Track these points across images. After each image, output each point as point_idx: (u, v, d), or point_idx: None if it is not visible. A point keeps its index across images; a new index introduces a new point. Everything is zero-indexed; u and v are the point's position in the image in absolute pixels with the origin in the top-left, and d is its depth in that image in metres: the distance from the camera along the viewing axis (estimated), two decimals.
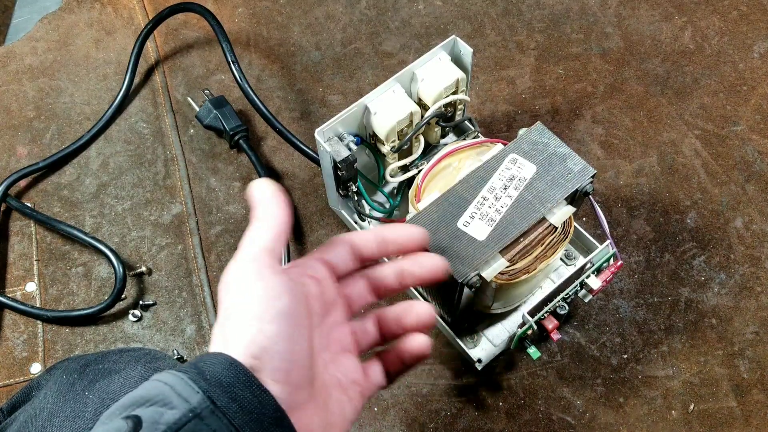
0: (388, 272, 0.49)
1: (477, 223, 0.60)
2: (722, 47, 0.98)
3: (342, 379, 0.45)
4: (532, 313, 0.65)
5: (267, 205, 0.44)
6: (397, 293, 0.50)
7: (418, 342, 0.48)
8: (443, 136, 0.81)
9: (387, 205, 0.79)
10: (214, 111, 0.89)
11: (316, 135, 0.69)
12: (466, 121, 0.81)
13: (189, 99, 0.94)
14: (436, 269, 0.49)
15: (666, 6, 1.02)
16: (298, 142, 0.85)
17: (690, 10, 1.02)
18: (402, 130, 0.72)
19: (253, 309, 0.39)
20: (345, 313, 0.47)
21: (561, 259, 0.76)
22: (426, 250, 0.50)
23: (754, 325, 0.78)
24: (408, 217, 0.67)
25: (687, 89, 0.95)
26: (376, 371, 0.48)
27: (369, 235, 0.48)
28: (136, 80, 0.97)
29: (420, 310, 0.48)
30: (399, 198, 0.79)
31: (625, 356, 0.76)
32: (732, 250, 0.83)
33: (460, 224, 0.60)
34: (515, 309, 0.73)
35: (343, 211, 0.80)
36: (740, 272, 0.81)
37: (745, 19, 1.00)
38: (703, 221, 0.85)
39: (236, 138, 0.89)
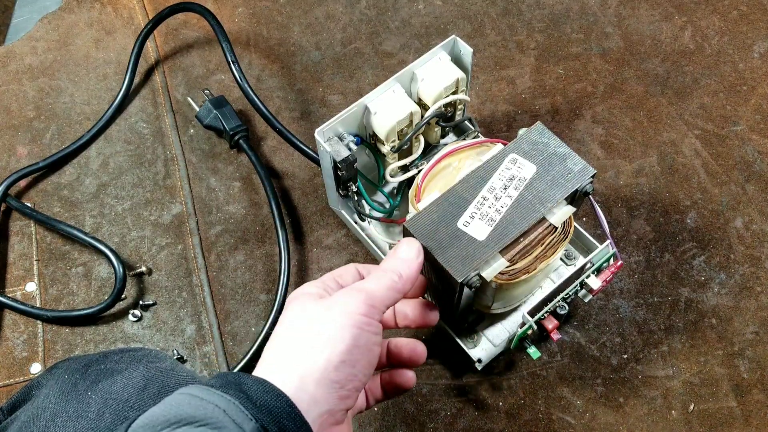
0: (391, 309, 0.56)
1: (477, 223, 0.60)
2: (722, 47, 0.98)
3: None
4: (532, 313, 0.65)
5: (403, 264, 0.52)
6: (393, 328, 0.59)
7: (406, 376, 0.56)
8: (443, 136, 0.81)
9: (387, 205, 0.79)
10: (214, 111, 0.89)
11: (316, 135, 0.69)
12: (466, 121, 0.81)
13: (189, 99, 0.94)
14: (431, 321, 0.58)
15: (666, 6, 1.02)
16: (298, 142, 0.85)
17: (690, 10, 1.02)
18: (402, 130, 0.72)
19: (351, 332, 0.45)
20: None
21: (561, 259, 0.76)
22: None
23: (754, 325, 0.78)
24: (408, 216, 0.66)
25: (687, 89, 0.95)
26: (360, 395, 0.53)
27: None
28: (136, 80, 0.97)
29: (417, 351, 0.56)
30: (399, 198, 0.79)
31: (625, 356, 0.76)
32: (732, 250, 0.83)
33: (460, 224, 0.60)
34: (515, 309, 0.73)
35: (343, 211, 0.80)
36: (740, 272, 0.81)
37: (745, 19, 1.00)
38: (703, 221, 0.84)
39: (236, 138, 0.89)
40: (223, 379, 0.41)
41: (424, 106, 0.74)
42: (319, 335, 0.45)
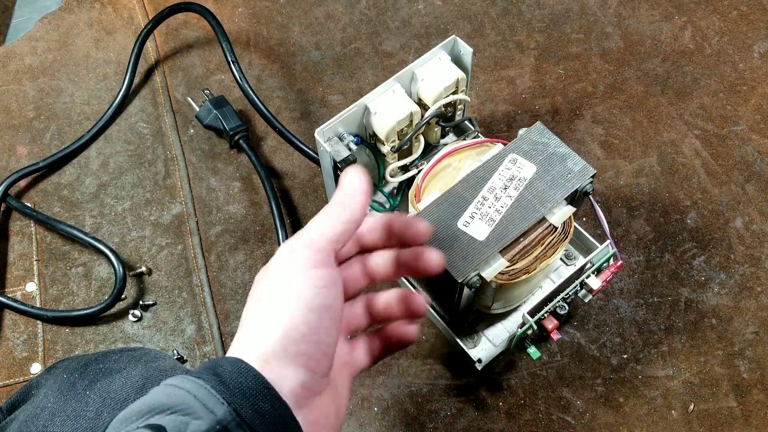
0: (384, 259, 0.48)
1: (477, 223, 0.60)
2: (722, 47, 0.98)
3: (336, 362, 0.45)
4: (532, 313, 0.65)
5: (350, 196, 0.43)
6: (389, 281, 0.50)
7: (406, 330, 0.49)
8: (443, 136, 0.81)
9: (387, 205, 0.79)
10: (214, 111, 0.89)
11: (316, 135, 0.69)
12: (466, 121, 0.81)
13: (189, 99, 0.94)
14: (433, 265, 0.47)
15: (666, 6, 1.02)
16: (298, 142, 0.85)
17: (690, 10, 1.02)
18: (402, 130, 0.72)
19: (301, 296, 0.40)
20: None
21: (561, 259, 0.76)
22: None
23: (754, 325, 0.78)
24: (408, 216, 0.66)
25: (687, 89, 0.95)
26: (360, 353, 0.49)
27: (376, 223, 0.47)
28: (136, 80, 0.97)
29: (414, 302, 0.48)
30: (399, 198, 0.79)
31: (625, 356, 0.76)
32: (732, 250, 0.83)
33: (460, 224, 0.60)
34: (515, 309, 0.73)
35: None
36: (740, 272, 0.81)
37: (745, 19, 1.00)
38: (703, 221, 0.84)
39: (236, 138, 0.89)
40: (202, 366, 0.39)
41: (424, 106, 0.74)
42: (272, 305, 0.41)
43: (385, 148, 0.72)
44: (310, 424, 0.40)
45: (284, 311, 0.40)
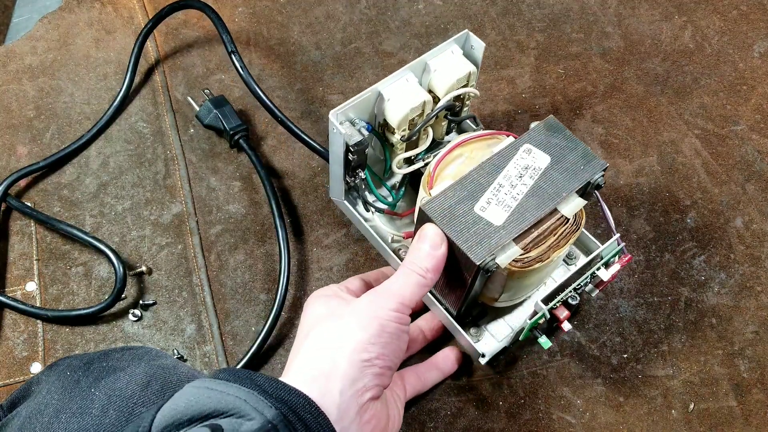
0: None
1: (494, 209, 0.60)
2: (722, 47, 0.99)
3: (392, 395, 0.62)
4: (546, 301, 0.65)
5: (427, 257, 0.56)
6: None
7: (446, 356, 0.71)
8: (447, 132, 0.81)
9: (389, 198, 0.79)
10: (214, 110, 0.89)
11: (330, 116, 0.68)
12: (468, 120, 0.81)
13: (189, 98, 0.94)
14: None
15: (666, 6, 1.03)
16: (300, 133, 0.84)
17: (690, 9, 1.02)
18: (413, 120, 0.72)
19: (381, 326, 0.52)
20: None
21: (563, 260, 0.76)
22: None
23: (754, 324, 0.78)
24: (421, 202, 0.66)
25: (687, 89, 0.95)
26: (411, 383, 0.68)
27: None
28: (136, 80, 0.97)
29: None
30: (402, 191, 0.79)
31: (625, 356, 0.76)
32: (732, 249, 0.83)
33: (477, 209, 0.60)
34: (518, 305, 0.73)
35: (345, 202, 0.79)
36: (740, 272, 0.81)
37: (745, 19, 1.01)
38: (703, 221, 0.85)
39: (236, 137, 0.89)
40: (233, 375, 0.45)
41: (434, 98, 0.74)
42: (349, 324, 0.50)
43: (395, 137, 0.72)
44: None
45: (361, 326, 0.51)
